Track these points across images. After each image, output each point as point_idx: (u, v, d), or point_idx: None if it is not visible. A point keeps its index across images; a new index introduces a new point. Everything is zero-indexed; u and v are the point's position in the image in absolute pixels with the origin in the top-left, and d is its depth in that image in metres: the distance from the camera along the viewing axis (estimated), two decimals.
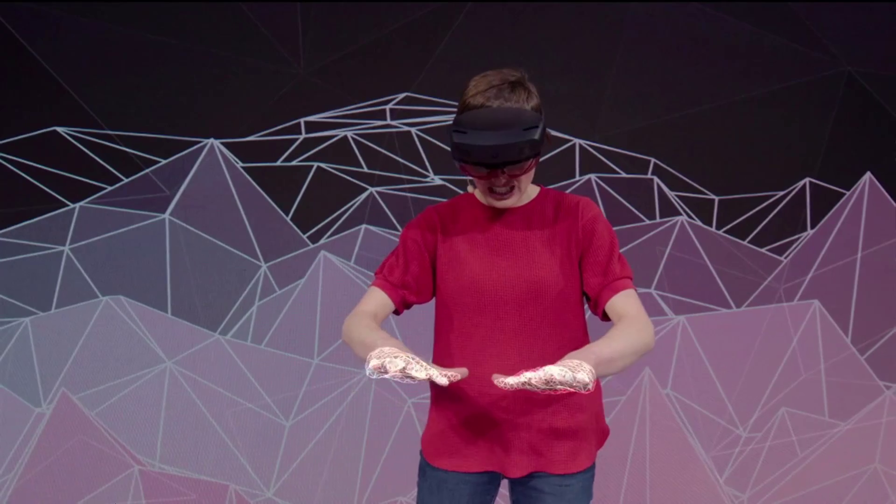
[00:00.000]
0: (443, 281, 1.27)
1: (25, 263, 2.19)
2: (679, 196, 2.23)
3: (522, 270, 1.23)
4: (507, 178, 1.17)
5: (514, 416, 1.23)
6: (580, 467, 1.23)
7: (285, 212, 2.20)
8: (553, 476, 1.23)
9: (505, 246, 1.25)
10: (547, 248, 1.25)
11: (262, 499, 2.23)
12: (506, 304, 1.22)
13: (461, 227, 1.28)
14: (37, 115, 2.14)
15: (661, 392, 2.25)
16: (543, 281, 1.22)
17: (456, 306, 1.25)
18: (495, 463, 1.25)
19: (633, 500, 2.26)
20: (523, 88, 1.20)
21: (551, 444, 1.24)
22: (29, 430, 2.20)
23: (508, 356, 1.21)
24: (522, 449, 1.24)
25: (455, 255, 1.26)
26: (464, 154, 1.12)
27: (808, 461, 2.29)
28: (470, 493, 1.26)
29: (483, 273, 1.23)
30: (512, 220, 1.26)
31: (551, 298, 1.22)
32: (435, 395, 1.32)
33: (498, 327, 1.22)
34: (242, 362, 2.23)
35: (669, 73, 2.19)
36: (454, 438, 1.26)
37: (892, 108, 2.21)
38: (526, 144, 1.10)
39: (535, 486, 1.25)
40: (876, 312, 2.28)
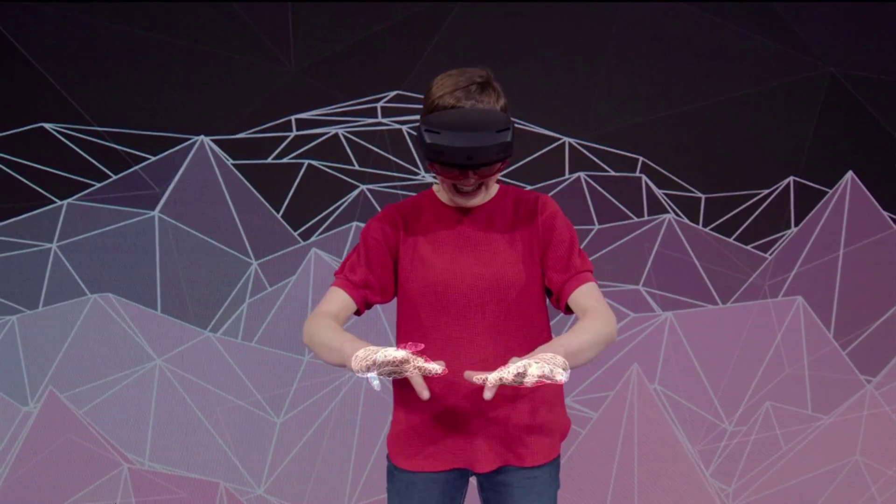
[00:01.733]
0: (406, 279, 1.27)
1: (12, 261, 2.16)
2: (667, 194, 2.24)
3: (486, 268, 1.23)
4: (477, 178, 1.17)
5: (480, 412, 1.23)
6: (546, 459, 1.25)
7: (276, 209, 2.20)
8: (521, 469, 1.24)
9: (468, 244, 1.25)
10: (509, 246, 1.25)
11: (252, 496, 2.22)
12: (470, 302, 1.23)
13: (423, 225, 1.28)
14: (23, 111, 2.12)
15: (649, 387, 2.26)
16: (507, 278, 1.23)
17: (420, 305, 1.25)
18: (463, 459, 1.25)
19: (621, 492, 2.28)
20: (492, 89, 1.19)
21: (518, 438, 1.24)
22: (16, 430, 2.18)
23: (474, 353, 1.22)
24: (490, 444, 1.24)
25: (418, 253, 1.26)
26: (438, 154, 1.12)
27: (791, 454, 2.32)
28: (440, 493, 1.27)
29: (447, 271, 1.23)
30: (474, 218, 1.27)
31: (515, 295, 1.23)
32: (398, 395, 1.31)
33: (462, 325, 1.22)
34: (233, 360, 2.22)
35: (658, 73, 2.20)
36: (421, 438, 1.26)
37: (874, 109, 2.24)
38: (499, 147, 1.11)
39: (502, 481, 1.26)
40: (858, 308, 2.30)
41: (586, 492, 2.28)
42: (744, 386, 2.30)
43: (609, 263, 2.22)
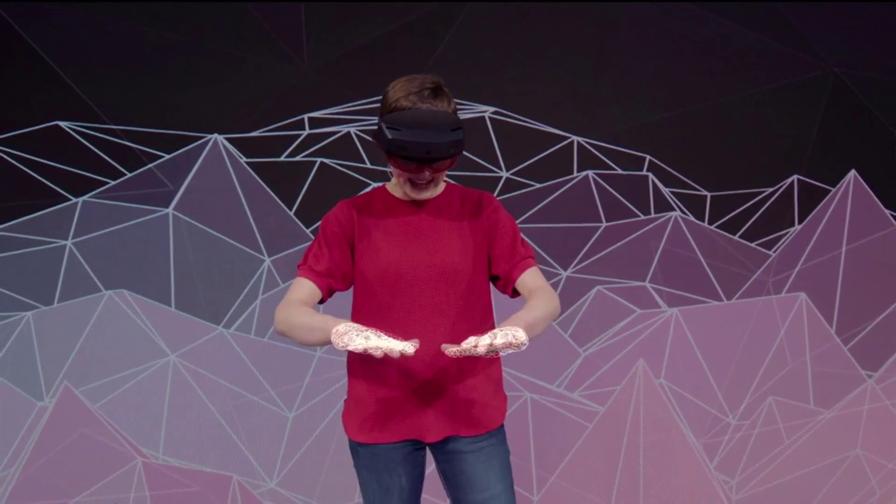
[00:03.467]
0: (362, 266, 1.34)
1: (28, 258, 2.17)
2: (673, 192, 2.24)
3: (434, 256, 1.32)
4: (431, 172, 1.27)
5: (426, 388, 1.32)
6: (489, 427, 1.35)
7: (288, 206, 2.20)
8: (466, 438, 1.34)
9: (418, 234, 1.34)
10: (456, 236, 1.35)
11: (264, 490, 2.24)
12: (420, 287, 1.31)
13: (376, 218, 1.36)
14: (39, 110, 2.12)
15: (655, 382, 2.28)
16: (454, 265, 1.33)
17: (374, 290, 1.33)
18: (413, 431, 1.34)
19: (626, 484, 2.29)
20: (444, 93, 1.29)
21: (461, 409, 1.34)
22: (31, 424, 2.19)
23: (424, 334, 1.29)
24: (438, 416, 1.33)
25: (372, 243, 1.34)
26: (400, 149, 1.21)
27: (793, 447, 2.33)
28: (402, 459, 1.35)
29: (399, 259, 1.32)
30: (424, 211, 1.36)
31: (461, 281, 1.33)
32: (351, 375, 1.39)
33: (414, 308, 1.31)
34: (246, 355, 2.23)
35: (664, 73, 2.20)
36: (375, 414, 1.34)
37: (877, 108, 2.24)
38: (453, 143, 1.22)
39: (452, 449, 1.35)
40: (859, 305, 2.30)
41: (593, 484, 2.30)
42: (747, 381, 2.30)
43: (616, 260, 2.24)
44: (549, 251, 2.22)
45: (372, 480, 1.38)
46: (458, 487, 1.37)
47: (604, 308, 2.26)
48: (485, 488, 1.35)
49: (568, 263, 2.25)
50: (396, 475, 1.36)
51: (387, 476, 1.36)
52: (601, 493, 2.31)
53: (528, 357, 2.22)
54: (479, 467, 1.36)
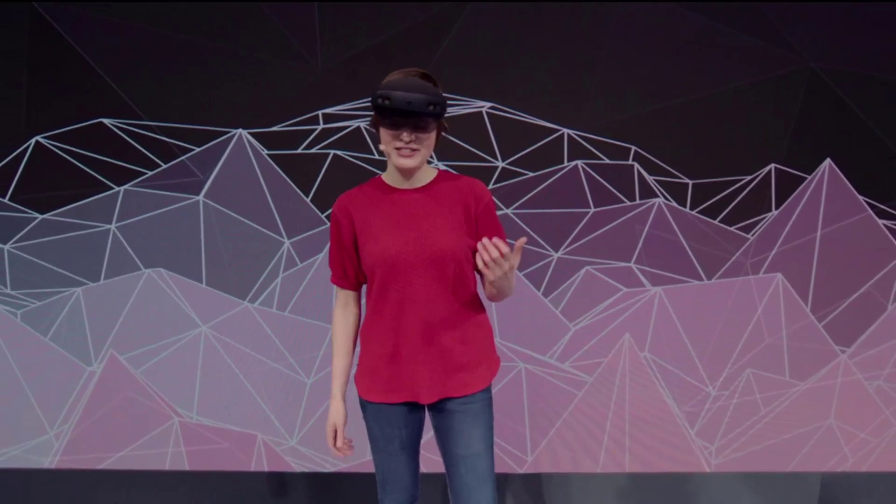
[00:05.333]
0: (363, 251, 1.43)
1: (77, 240, 2.25)
2: (657, 180, 2.23)
3: (427, 242, 1.38)
4: (412, 132, 1.31)
5: (424, 357, 1.42)
6: (476, 389, 1.45)
7: (305, 194, 2.23)
8: (457, 398, 1.44)
9: (411, 220, 1.39)
10: (448, 222, 1.40)
11: (286, 447, 2.36)
12: (415, 271, 1.38)
13: (371, 207, 1.43)
14: (85, 109, 2.16)
15: (640, 355, 2.34)
16: (446, 250, 1.38)
17: (374, 274, 1.42)
18: (411, 394, 1.44)
19: (613, 449, 2.37)
20: (430, 80, 1.37)
21: (452, 374, 1.44)
22: (82, 387, 2.33)
23: (420, 312, 1.40)
24: (431, 381, 1.43)
25: (370, 231, 1.41)
26: (384, 100, 1.27)
27: (770, 416, 2.38)
28: (403, 415, 1.47)
29: (393, 245, 1.38)
30: (416, 198, 1.41)
31: (452, 262, 1.39)
32: (363, 343, 1.50)
33: (410, 290, 1.39)
34: (269, 327, 2.30)
35: (649, 69, 2.17)
36: (380, 378, 1.45)
37: (851, 101, 2.20)
38: (432, 101, 1.28)
39: (444, 408, 1.45)
40: (833, 285, 2.32)
41: (582, 448, 2.36)
42: (726, 354, 2.34)
43: (604, 243, 2.25)
44: (542, 234, 2.24)
45: (377, 430, 1.50)
46: (448, 440, 1.48)
47: (592, 287, 2.27)
48: (469, 445, 1.45)
49: (559, 246, 2.26)
50: (397, 427, 1.48)
51: (389, 428, 1.48)
52: (589, 455, 2.37)
53: (522, 331, 2.31)
54: (466, 426, 1.45)
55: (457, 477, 1.46)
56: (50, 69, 2.14)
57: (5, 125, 2.17)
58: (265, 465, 2.39)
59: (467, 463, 1.45)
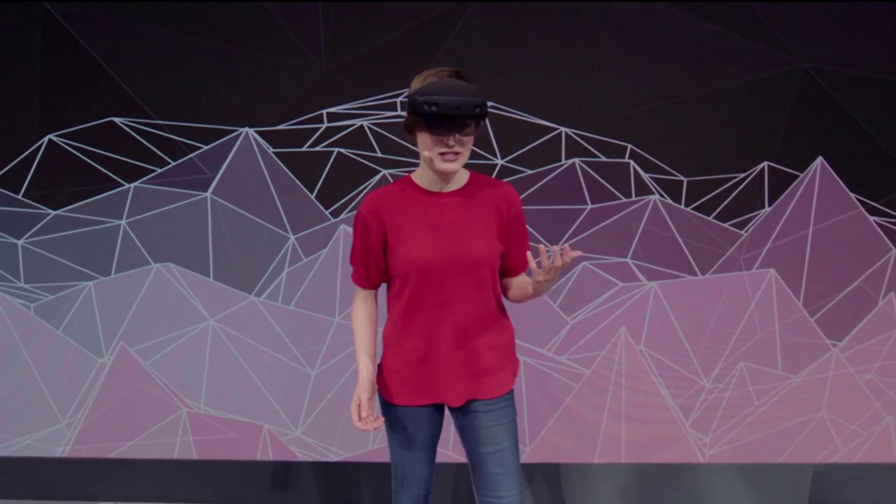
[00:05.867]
0: (393, 256, 1.38)
1: (88, 235, 2.27)
2: (652, 177, 2.25)
3: (460, 247, 1.34)
4: (459, 137, 1.27)
5: (454, 361, 1.40)
6: (502, 392, 1.45)
7: (310, 191, 2.24)
8: (482, 401, 1.44)
9: (443, 225, 1.35)
10: (482, 227, 1.37)
11: (291, 437, 2.39)
12: (450, 277, 1.35)
13: (403, 209, 1.36)
14: (96, 108, 2.18)
15: (636, 348, 2.36)
16: (479, 256, 1.35)
17: (404, 279, 1.37)
18: (439, 396, 1.43)
19: (609, 440, 2.40)
20: (463, 76, 1.33)
21: (479, 378, 1.43)
22: (93, 378, 2.36)
23: (453, 317, 1.37)
24: (460, 385, 1.42)
25: (401, 235, 1.36)
26: (432, 106, 1.21)
27: (763, 409, 2.40)
28: (427, 417, 1.46)
29: (427, 253, 1.34)
30: (451, 202, 1.37)
31: (484, 269, 1.37)
32: (387, 346, 1.46)
33: (443, 296, 1.36)
34: (274, 320, 2.32)
35: (645, 69, 2.17)
36: (407, 381, 1.43)
37: (842, 100, 2.20)
38: (479, 105, 1.24)
39: (470, 409, 1.45)
40: (825, 280, 2.33)
41: (579, 439, 2.39)
42: (720, 348, 2.36)
43: (600, 239, 2.27)
44: (540, 231, 2.26)
45: (399, 431, 1.48)
46: (473, 441, 1.46)
47: (589, 281, 2.29)
48: (496, 442, 1.44)
49: (557, 242, 2.27)
50: (419, 428, 1.47)
51: (411, 429, 1.47)
52: (587, 446, 2.40)
53: (522, 324, 2.32)
54: (492, 426, 1.43)
55: (484, 472, 1.46)
56: (62, 69, 2.16)
57: (19, 124, 2.19)
58: (271, 454, 2.42)
59: (494, 458, 1.44)
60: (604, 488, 2.47)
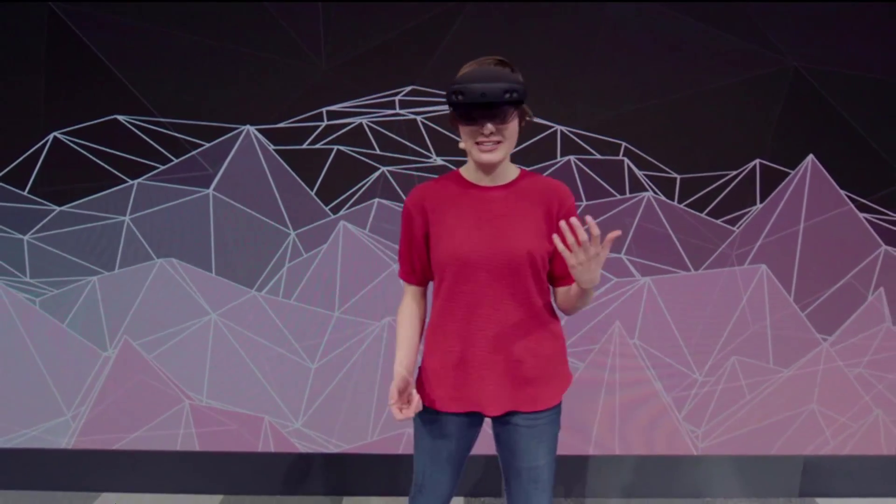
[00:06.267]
0: (435, 248, 1.32)
1: (93, 231, 2.28)
2: (646, 175, 2.27)
3: (502, 243, 1.26)
4: (493, 124, 1.20)
5: (492, 366, 1.31)
6: (546, 406, 1.35)
7: (310, 187, 2.25)
8: (526, 413, 1.34)
9: (489, 219, 1.28)
10: (528, 223, 1.28)
11: (291, 429, 2.42)
12: (488, 273, 1.27)
13: (448, 202, 1.30)
14: (100, 106, 2.19)
15: (630, 342, 2.39)
16: (523, 253, 1.26)
17: (444, 273, 1.30)
18: (476, 404, 1.34)
19: (604, 432, 2.45)
20: (508, 66, 1.26)
21: (521, 388, 1.33)
22: (97, 371, 2.38)
23: (490, 317, 1.28)
24: (499, 392, 1.32)
25: (445, 228, 1.29)
26: (457, 95, 1.16)
27: (754, 402, 2.44)
28: (457, 429, 1.37)
29: (468, 245, 1.27)
30: (496, 196, 1.29)
31: (529, 268, 1.28)
32: (428, 348, 1.39)
33: (481, 290, 1.28)
34: (275, 314, 2.34)
35: (639, 69, 2.18)
36: (443, 385, 1.34)
37: (832, 99, 2.21)
38: (508, 89, 1.15)
39: (510, 422, 1.36)
40: (815, 275, 2.36)
41: (574, 431, 2.42)
42: (713, 342, 2.39)
43: None
44: None
45: (427, 438, 1.39)
46: (509, 453, 1.39)
47: None
48: (534, 458, 1.35)
49: None
50: (451, 439, 1.37)
51: (441, 440, 1.37)
52: (582, 438, 2.43)
53: None
54: (532, 441, 1.35)
55: (516, 485, 1.40)
56: (67, 69, 2.17)
57: (25, 122, 2.19)
58: (272, 446, 2.45)
59: (530, 474, 1.38)
60: (598, 480, 2.50)
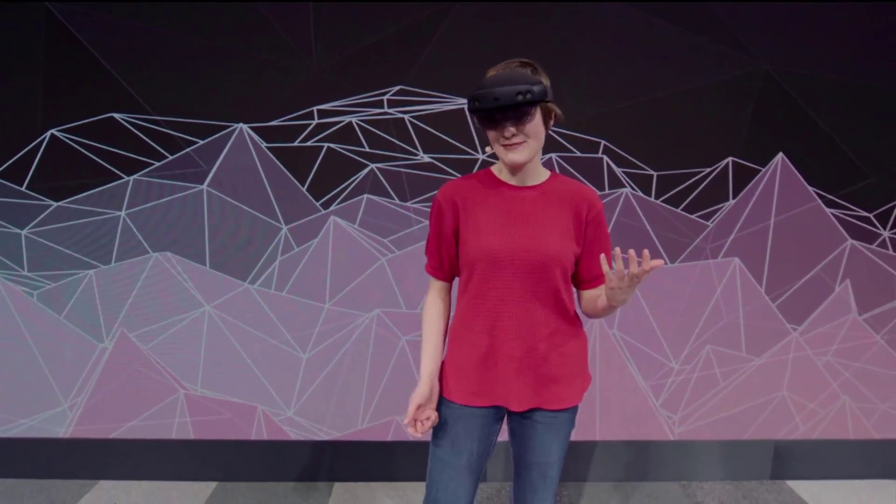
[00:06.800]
0: (465, 244, 1.31)
1: (89, 226, 2.30)
2: (624, 172, 2.30)
3: (534, 242, 1.26)
4: (513, 125, 1.19)
5: (518, 363, 1.30)
6: (568, 405, 1.35)
7: (301, 184, 2.27)
8: (546, 411, 1.34)
9: (519, 218, 1.27)
10: (558, 224, 1.28)
11: (284, 417, 2.44)
12: (517, 270, 1.26)
13: (479, 199, 1.30)
14: (97, 104, 2.20)
15: (609, 332, 2.44)
16: (551, 254, 1.26)
17: (473, 269, 1.29)
18: (501, 399, 1.33)
19: (585, 419, 2.49)
20: (532, 67, 1.24)
21: (546, 385, 1.32)
22: (94, 362, 2.40)
23: (518, 315, 1.28)
24: (524, 389, 1.32)
25: (475, 225, 1.28)
26: (473, 102, 1.17)
27: (728, 389, 2.50)
28: (480, 422, 1.35)
29: (500, 241, 1.26)
30: (527, 196, 1.29)
31: (558, 268, 1.27)
32: (452, 341, 1.37)
33: (510, 291, 1.27)
34: (267, 306, 2.36)
35: (618, 70, 2.22)
36: (468, 379, 1.33)
37: (801, 99, 2.27)
38: (521, 90, 1.15)
39: (530, 418, 1.36)
40: (786, 268, 2.42)
41: None
42: (688, 332, 2.45)
43: None
44: None
45: (447, 436, 1.36)
46: (523, 446, 1.39)
47: None
48: (547, 454, 1.36)
49: None
50: (470, 440, 1.35)
51: (462, 438, 1.35)
52: None
53: None
54: (547, 438, 1.36)
55: (525, 478, 1.40)
56: (64, 67, 2.18)
57: (23, 119, 2.21)
58: (264, 433, 2.47)
59: (540, 469, 1.38)
60: (580, 464, 2.56)
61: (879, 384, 2.58)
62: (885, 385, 2.58)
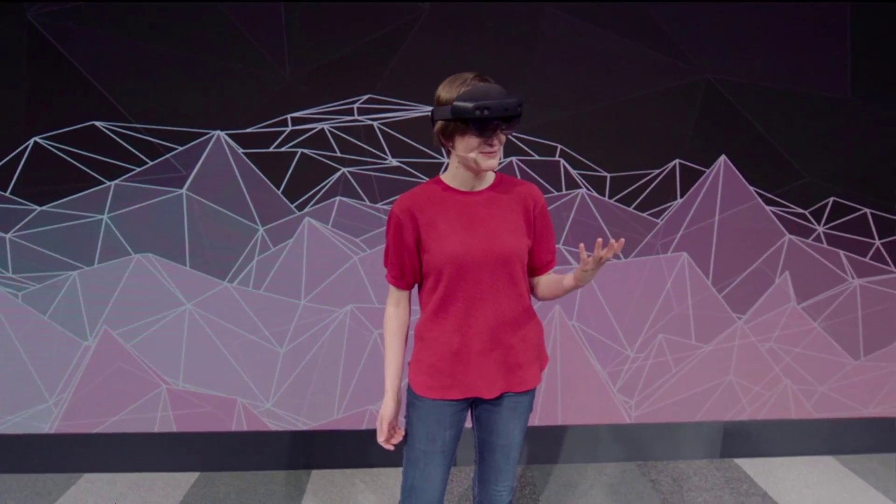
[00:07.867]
0: (428, 253, 1.34)
1: (73, 229, 2.32)
2: (580, 174, 2.38)
3: (493, 243, 1.32)
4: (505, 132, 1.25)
5: (489, 355, 1.36)
6: (531, 386, 1.44)
7: (277, 187, 2.31)
8: (512, 395, 1.42)
9: (476, 222, 1.33)
10: (510, 223, 1.35)
11: (263, 409, 2.50)
12: (483, 271, 1.32)
13: (436, 208, 1.34)
14: (79, 113, 2.23)
15: (569, 323, 2.52)
16: (511, 252, 1.33)
17: (439, 273, 1.34)
18: (474, 390, 1.38)
19: (548, 404, 2.59)
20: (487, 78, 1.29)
21: (513, 371, 1.39)
22: (78, 359, 2.43)
23: (487, 311, 1.35)
24: (494, 377, 1.38)
25: (437, 233, 1.32)
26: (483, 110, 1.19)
27: (679, 374, 2.61)
28: (452, 411, 1.41)
29: (460, 247, 1.31)
30: (480, 199, 1.35)
31: (515, 263, 1.34)
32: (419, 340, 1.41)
33: (475, 288, 1.33)
34: (246, 304, 2.40)
35: (572, 79, 2.30)
36: (441, 375, 1.38)
37: (741, 106, 2.38)
38: (521, 102, 1.22)
39: (497, 404, 1.42)
40: (730, 262, 2.52)
41: None
42: (642, 322, 2.54)
43: None
44: None
45: (422, 428, 1.40)
46: (488, 430, 1.45)
47: None
48: (510, 436, 1.43)
49: None
50: (443, 428, 1.40)
51: (436, 427, 1.39)
52: None
53: None
54: (512, 420, 1.42)
55: (489, 461, 1.46)
56: (46, 78, 2.21)
57: (7, 127, 2.24)
58: (244, 425, 2.53)
59: (504, 451, 1.45)
60: (543, 447, 2.66)
61: (817, 368, 2.71)
62: (823, 368, 2.71)
